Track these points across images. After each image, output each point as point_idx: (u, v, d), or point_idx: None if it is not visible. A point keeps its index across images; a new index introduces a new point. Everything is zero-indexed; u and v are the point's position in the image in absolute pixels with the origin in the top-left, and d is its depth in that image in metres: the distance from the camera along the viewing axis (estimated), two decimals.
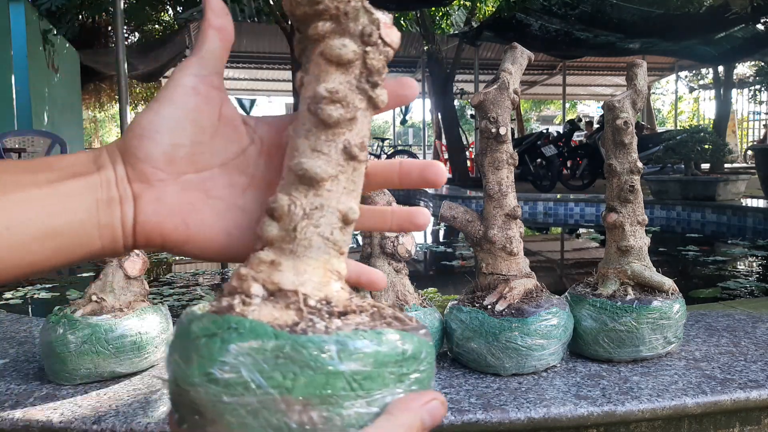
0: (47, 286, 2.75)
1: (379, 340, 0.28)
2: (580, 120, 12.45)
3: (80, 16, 7.47)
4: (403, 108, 13.40)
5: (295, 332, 0.26)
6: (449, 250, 3.96)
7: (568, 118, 13.75)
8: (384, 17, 0.30)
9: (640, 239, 1.15)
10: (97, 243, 0.30)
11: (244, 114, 0.35)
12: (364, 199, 0.95)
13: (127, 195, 0.31)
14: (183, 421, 0.27)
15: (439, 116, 9.94)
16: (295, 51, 0.32)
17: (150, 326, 1.07)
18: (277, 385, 0.25)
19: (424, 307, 1.13)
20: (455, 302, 1.14)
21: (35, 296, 2.57)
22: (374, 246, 1.13)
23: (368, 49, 0.30)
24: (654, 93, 20.37)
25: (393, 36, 0.30)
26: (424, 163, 0.35)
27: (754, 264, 3.40)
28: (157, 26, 10.57)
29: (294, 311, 0.28)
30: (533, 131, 11.15)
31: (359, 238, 1.43)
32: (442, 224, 3.81)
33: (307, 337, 0.26)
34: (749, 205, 4.92)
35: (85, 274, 3.07)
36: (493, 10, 9.25)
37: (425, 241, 4.53)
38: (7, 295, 2.54)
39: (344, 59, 0.29)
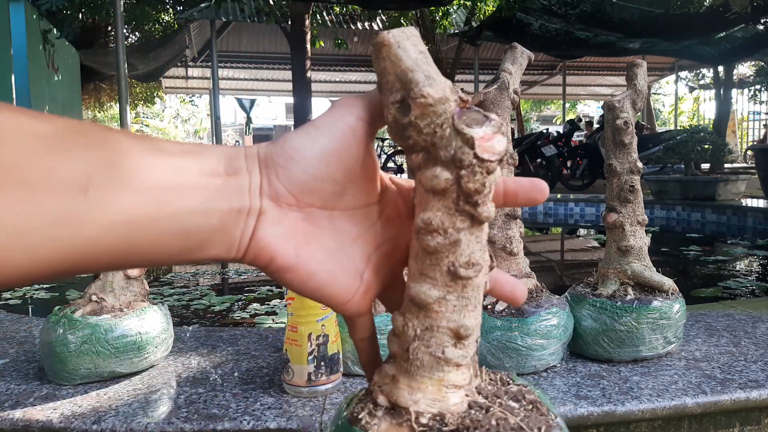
0: (46, 286, 2.75)
1: None
2: (580, 120, 12.45)
3: (80, 16, 7.46)
4: None
5: None
6: None
7: (568, 118, 13.74)
8: (480, 131, 0.28)
9: (640, 239, 1.15)
10: (214, 249, 0.29)
11: (383, 171, 0.35)
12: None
13: (255, 207, 0.30)
14: None
15: None
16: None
17: (150, 326, 1.07)
18: None
19: None
20: None
21: (35, 296, 2.57)
22: None
23: (462, 173, 0.29)
24: (655, 93, 20.36)
25: (494, 147, 0.29)
26: (528, 181, 0.34)
27: (755, 264, 3.40)
28: (157, 26, 10.56)
29: (407, 429, 0.30)
30: (533, 131, 11.15)
31: None
32: None
33: None
34: (749, 205, 4.92)
35: (84, 275, 3.07)
36: (493, 9, 9.24)
37: None
38: (6, 295, 2.54)
39: (438, 189, 0.29)
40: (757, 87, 12.28)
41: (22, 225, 0.24)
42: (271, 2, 8.50)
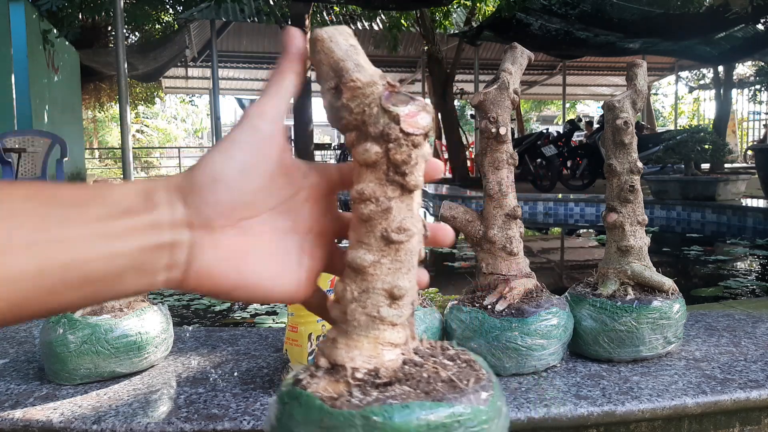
0: None
1: (404, 413, 0.30)
2: (580, 120, 12.45)
3: (80, 16, 7.45)
4: None
5: (334, 406, 0.31)
6: (453, 250, 3.96)
7: (568, 118, 13.73)
8: (405, 109, 0.31)
9: (640, 239, 1.15)
10: (132, 287, 0.29)
11: (299, 160, 0.35)
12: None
13: (181, 240, 0.29)
14: None
15: (439, 116, 9.94)
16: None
17: (150, 326, 1.07)
18: None
19: (425, 307, 1.13)
20: (455, 302, 1.14)
21: None
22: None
23: (390, 146, 0.32)
24: (655, 94, 20.35)
25: (419, 123, 0.32)
26: (433, 226, 0.37)
27: (755, 264, 3.40)
28: (157, 26, 10.56)
29: (343, 384, 0.32)
30: (533, 131, 11.14)
31: None
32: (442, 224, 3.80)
33: (339, 411, 0.31)
34: (749, 205, 4.92)
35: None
36: (493, 9, 9.24)
37: None
38: None
39: (369, 161, 0.32)
40: (757, 87, 12.27)
41: None
42: (271, 2, 8.50)
